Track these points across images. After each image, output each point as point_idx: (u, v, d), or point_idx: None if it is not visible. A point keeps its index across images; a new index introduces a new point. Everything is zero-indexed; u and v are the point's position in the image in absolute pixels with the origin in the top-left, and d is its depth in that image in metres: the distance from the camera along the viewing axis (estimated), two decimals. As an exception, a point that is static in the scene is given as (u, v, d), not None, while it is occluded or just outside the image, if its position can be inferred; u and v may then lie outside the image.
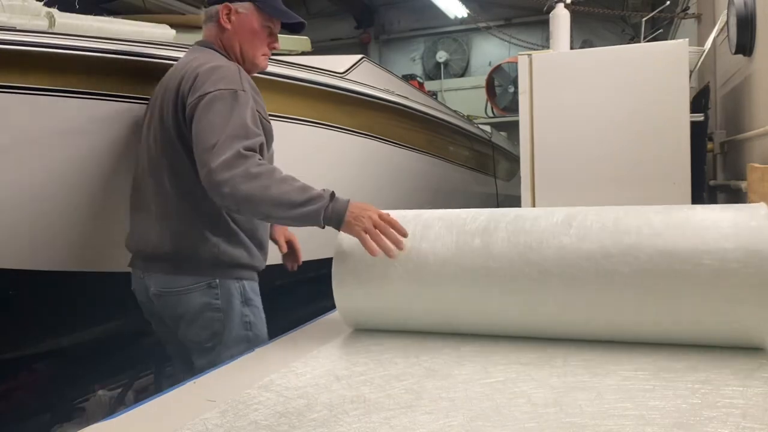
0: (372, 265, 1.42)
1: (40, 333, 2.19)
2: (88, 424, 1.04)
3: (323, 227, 1.45)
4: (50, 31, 1.94)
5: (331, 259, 1.47)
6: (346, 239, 1.47)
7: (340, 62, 3.12)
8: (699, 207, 1.36)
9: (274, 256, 1.90)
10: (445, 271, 1.37)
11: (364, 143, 3.27)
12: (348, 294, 1.46)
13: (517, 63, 3.14)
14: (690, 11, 4.54)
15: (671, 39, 4.80)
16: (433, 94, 5.65)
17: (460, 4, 7.38)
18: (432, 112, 4.10)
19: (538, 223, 1.36)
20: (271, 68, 2.21)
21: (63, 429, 2.47)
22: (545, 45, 6.35)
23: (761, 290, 1.17)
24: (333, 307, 1.53)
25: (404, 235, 1.42)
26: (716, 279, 1.20)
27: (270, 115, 1.76)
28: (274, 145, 1.77)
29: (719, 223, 1.25)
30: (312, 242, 1.97)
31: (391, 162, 3.58)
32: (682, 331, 1.26)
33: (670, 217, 1.30)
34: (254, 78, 1.73)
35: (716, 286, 1.20)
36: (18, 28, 1.75)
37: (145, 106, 1.82)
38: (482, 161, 5.29)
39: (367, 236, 1.40)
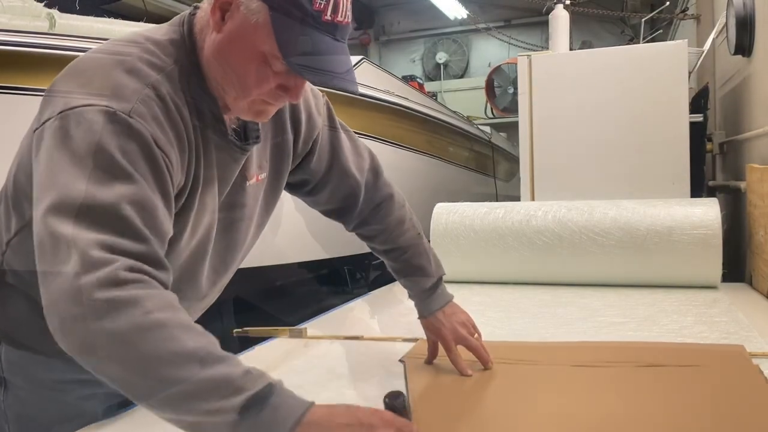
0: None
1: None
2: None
3: None
4: (50, 32, 1.94)
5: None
6: (442, 217, 2.34)
7: (339, 63, 3.12)
8: (674, 201, 2.21)
9: (273, 254, 1.88)
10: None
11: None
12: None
13: (516, 64, 3.14)
14: (689, 12, 4.54)
15: (670, 40, 4.81)
16: (432, 95, 5.65)
17: (459, 5, 7.37)
18: (432, 113, 4.10)
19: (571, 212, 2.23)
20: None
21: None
22: (545, 46, 6.35)
23: (707, 251, 2.01)
24: (332, 306, 1.54)
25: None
26: (681, 244, 2.03)
27: None
28: None
29: (685, 211, 2.10)
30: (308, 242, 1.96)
31: (390, 163, 3.58)
32: (670, 277, 2.08)
33: (656, 208, 2.14)
34: None
35: (682, 249, 2.03)
36: (18, 29, 1.76)
37: None
38: (482, 162, 5.30)
39: None
